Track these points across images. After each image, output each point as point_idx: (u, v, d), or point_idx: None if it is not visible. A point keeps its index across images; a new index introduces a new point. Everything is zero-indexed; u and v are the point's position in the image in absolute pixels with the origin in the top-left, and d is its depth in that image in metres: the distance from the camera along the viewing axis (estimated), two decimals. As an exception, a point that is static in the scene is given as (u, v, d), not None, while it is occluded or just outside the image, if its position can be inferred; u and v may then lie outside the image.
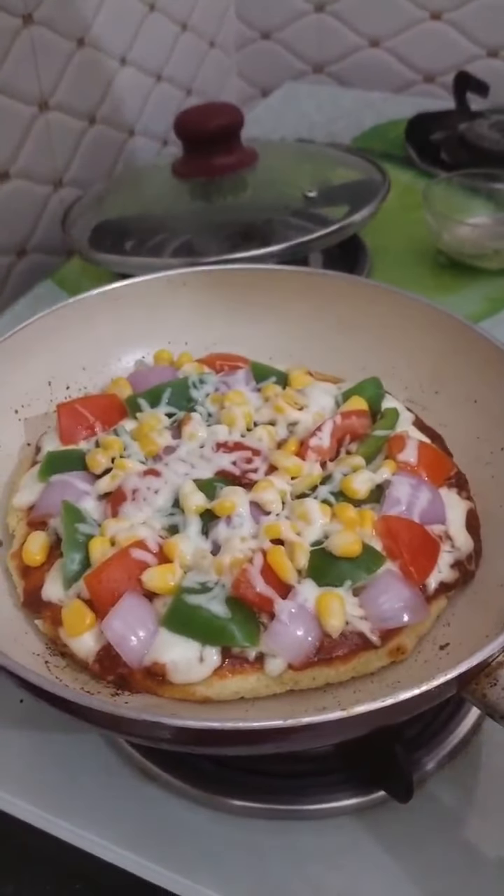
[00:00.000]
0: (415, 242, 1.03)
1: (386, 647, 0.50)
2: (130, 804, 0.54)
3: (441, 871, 0.50)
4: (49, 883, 0.59)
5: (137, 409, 0.64)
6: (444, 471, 0.59)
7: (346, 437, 0.61)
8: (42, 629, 0.53)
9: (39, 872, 0.59)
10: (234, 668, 0.49)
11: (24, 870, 0.60)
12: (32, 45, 1.01)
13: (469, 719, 0.56)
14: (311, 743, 0.49)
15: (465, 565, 0.55)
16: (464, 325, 0.64)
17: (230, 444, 0.60)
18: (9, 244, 1.06)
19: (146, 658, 0.49)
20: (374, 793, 0.53)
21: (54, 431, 0.63)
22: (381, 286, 0.71)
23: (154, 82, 1.29)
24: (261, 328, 0.72)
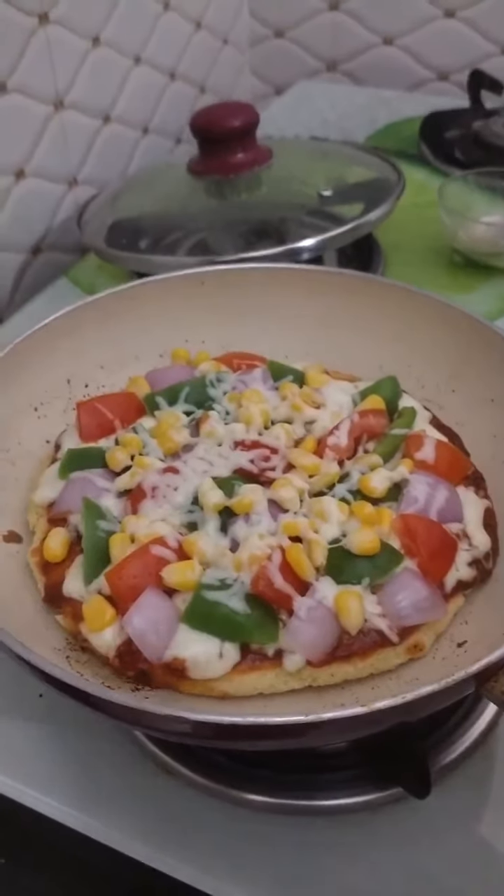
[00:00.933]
0: (429, 241, 1.03)
1: (404, 645, 0.51)
2: (149, 798, 0.55)
3: (458, 867, 0.51)
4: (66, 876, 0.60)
5: (156, 407, 0.64)
6: (462, 469, 0.60)
7: (363, 436, 0.61)
8: (63, 624, 0.53)
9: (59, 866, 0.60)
10: (253, 664, 0.49)
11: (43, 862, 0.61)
12: (48, 43, 1.02)
13: (486, 716, 0.56)
14: (331, 739, 0.49)
15: (482, 564, 0.55)
16: (480, 324, 0.64)
17: (248, 442, 0.60)
18: (24, 242, 1.07)
19: (166, 653, 0.49)
20: (391, 789, 0.53)
21: (74, 429, 0.64)
22: (397, 285, 0.72)
23: (168, 80, 1.29)
24: (277, 327, 0.73)
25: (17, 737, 0.58)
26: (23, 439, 0.64)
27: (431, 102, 1.35)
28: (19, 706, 0.60)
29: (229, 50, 1.46)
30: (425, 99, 1.39)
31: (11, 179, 1.01)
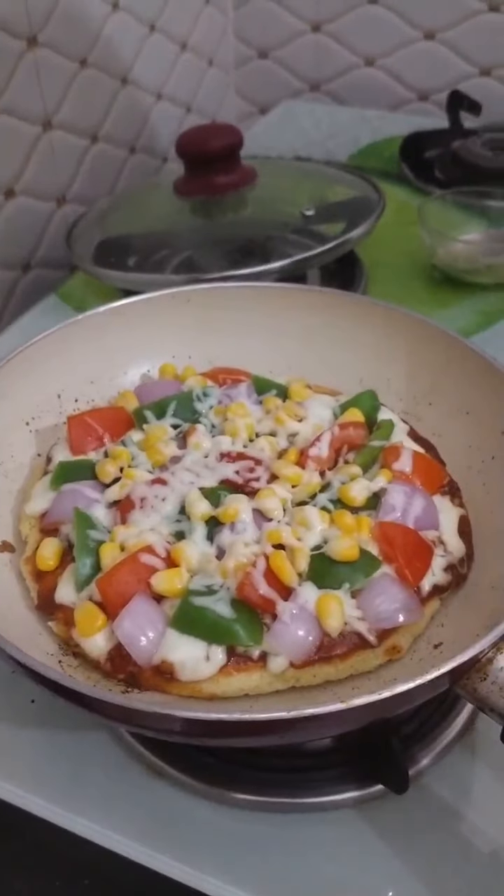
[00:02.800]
0: (410, 258, 1.06)
1: (383, 647, 0.53)
2: (138, 798, 0.56)
3: (438, 862, 0.52)
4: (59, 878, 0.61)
5: (144, 420, 0.66)
6: (438, 479, 0.62)
7: (343, 448, 0.64)
8: (55, 630, 0.55)
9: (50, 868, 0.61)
10: (239, 666, 0.51)
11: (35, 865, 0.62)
12: (37, 66, 1.04)
13: (463, 715, 0.58)
14: (313, 734, 0.51)
15: (457, 569, 0.57)
16: (456, 340, 0.67)
17: (233, 454, 0.62)
18: (14, 259, 1.09)
19: (155, 657, 0.51)
20: (373, 786, 0.55)
21: (64, 442, 0.66)
22: (377, 303, 0.74)
23: (154, 101, 1.32)
24: (261, 343, 0.75)
25: (8, 741, 0.60)
26: (15, 452, 0.66)
27: (412, 122, 1.38)
28: (11, 712, 0.61)
29: (214, 71, 1.49)
30: (406, 119, 1.43)
31: (1, 198, 1.03)
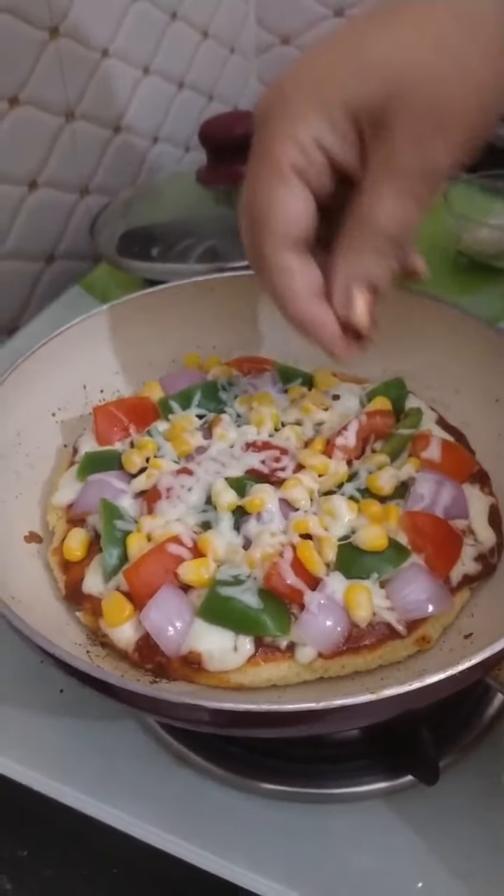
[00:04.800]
0: (434, 243, 1.04)
1: (412, 637, 0.52)
2: (166, 787, 0.57)
3: (468, 852, 0.52)
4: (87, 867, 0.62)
5: (169, 410, 0.66)
6: (467, 468, 0.61)
7: (371, 436, 0.63)
8: (83, 620, 0.55)
9: (78, 856, 0.62)
10: (267, 656, 0.51)
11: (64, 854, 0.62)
12: (59, 56, 1.04)
13: (494, 705, 0.58)
14: (342, 725, 0.51)
15: (487, 558, 0.57)
16: (484, 326, 0.66)
17: (259, 443, 0.62)
18: (38, 251, 1.09)
19: (183, 647, 0.51)
20: (402, 777, 0.55)
21: (90, 433, 0.66)
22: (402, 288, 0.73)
23: (176, 90, 1.32)
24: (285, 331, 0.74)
25: (39, 731, 0.60)
26: (42, 443, 0.66)
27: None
28: (41, 702, 0.61)
29: (236, 58, 1.48)
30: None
31: (25, 190, 1.03)
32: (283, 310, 0.52)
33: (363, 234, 0.49)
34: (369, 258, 0.50)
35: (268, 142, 0.47)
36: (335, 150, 0.47)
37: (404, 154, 0.46)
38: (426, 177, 0.47)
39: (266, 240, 0.49)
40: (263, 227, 0.49)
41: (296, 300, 0.51)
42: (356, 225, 0.49)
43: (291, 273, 0.50)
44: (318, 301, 0.51)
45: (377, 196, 0.47)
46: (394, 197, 0.47)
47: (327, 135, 0.46)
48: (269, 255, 0.50)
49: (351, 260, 0.50)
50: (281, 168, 0.47)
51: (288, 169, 0.47)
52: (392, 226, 0.48)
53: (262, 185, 0.48)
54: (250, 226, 0.50)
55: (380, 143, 0.46)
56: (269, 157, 0.47)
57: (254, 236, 0.50)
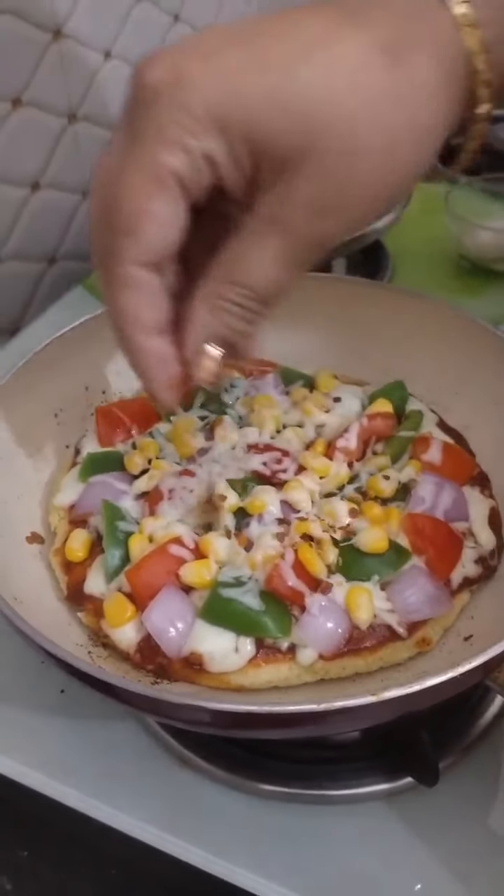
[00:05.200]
0: (436, 247, 1.05)
1: (412, 639, 0.53)
2: (166, 788, 0.57)
3: (468, 854, 0.52)
4: (87, 868, 0.62)
5: (171, 412, 0.67)
6: (467, 470, 0.62)
7: (372, 439, 0.63)
8: (85, 621, 0.56)
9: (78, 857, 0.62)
10: (268, 657, 0.52)
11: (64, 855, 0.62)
12: (61, 58, 1.04)
13: (494, 707, 0.58)
14: (343, 727, 0.51)
15: (487, 561, 0.57)
16: (485, 329, 0.66)
17: (261, 445, 0.62)
18: (40, 252, 1.09)
19: (184, 648, 0.51)
20: (402, 778, 0.55)
21: (92, 434, 0.66)
22: (404, 290, 0.73)
23: (178, 91, 1.32)
24: (287, 333, 0.74)
25: (40, 731, 0.60)
26: (44, 444, 0.66)
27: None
28: (42, 702, 0.61)
29: (238, 60, 1.48)
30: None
31: (27, 191, 1.03)
32: (120, 332, 0.46)
33: (228, 286, 0.43)
34: (228, 316, 0.44)
35: (151, 138, 0.40)
36: (225, 174, 0.41)
37: (300, 220, 0.41)
38: (316, 247, 0.42)
39: (124, 249, 0.42)
40: (125, 235, 0.42)
41: (138, 326, 0.45)
42: (223, 271, 0.43)
43: (142, 295, 0.44)
44: (159, 336, 0.45)
45: (254, 250, 0.42)
46: (273, 258, 0.42)
47: (221, 156, 0.40)
48: (123, 267, 0.43)
49: (208, 312, 0.44)
50: (162, 175, 0.40)
51: (170, 178, 0.41)
52: (263, 287, 0.43)
53: (134, 187, 0.41)
54: (106, 227, 0.42)
55: (273, 193, 0.41)
56: (150, 159, 0.40)
57: (109, 240, 0.42)
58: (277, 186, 0.40)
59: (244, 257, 0.43)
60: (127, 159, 0.41)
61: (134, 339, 0.45)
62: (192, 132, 0.39)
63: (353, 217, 0.42)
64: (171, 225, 0.42)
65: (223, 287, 0.43)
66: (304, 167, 0.39)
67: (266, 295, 0.43)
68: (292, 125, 0.39)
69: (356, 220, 0.42)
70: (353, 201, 0.41)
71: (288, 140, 0.39)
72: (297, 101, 0.39)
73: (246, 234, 0.42)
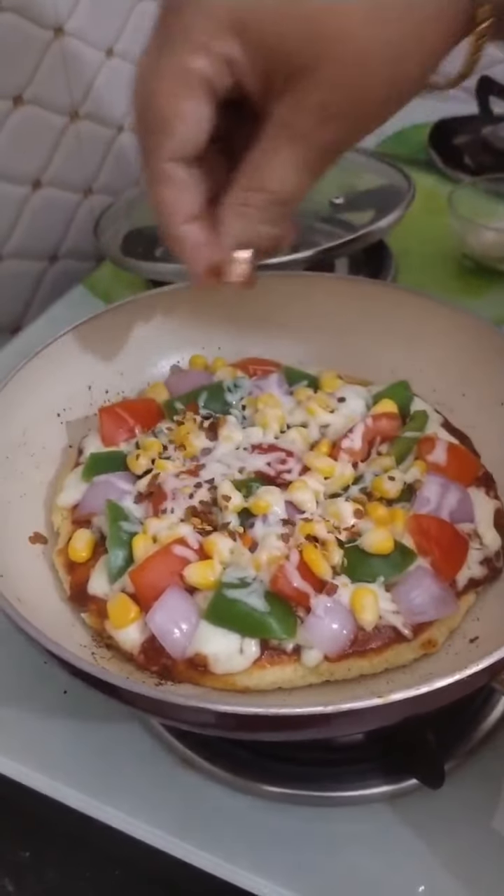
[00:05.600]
0: (439, 247, 1.05)
1: (418, 640, 0.52)
2: (169, 789, 0.57)
3: (472, 857, 0.52)
4: (90, 869, 0.62)
5: (175, 412, 0.66)
6: (473, 471, 0.61)
7: (376, 439, 0.63)
8: (88, 622, 0.55)
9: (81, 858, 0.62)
10: (273, 659, 0.51)
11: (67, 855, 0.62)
12: (63, 56, 1.04)
13: (498, 710, 0.58)
14: (348, 729, 0.51)
15: (493, 562, 0.57)
16: (490, 329, 0.66)
17: (265, 445, 0.62)
18: (42, 250, 1.09)
19: (188, 649, 0.51)
20: (407, 780, 0.55)
21: (95, 434, 0.66)
22: (408, 290, 0.73)
23: (180, 90, 1.31)
24: (291, 333, 0.74)
25: (42, 732, 0.60)
26: (47, 444, 0.66)
27: (441, 109, 1.35)
28: (45, 703, 0.61)
29: (240, 59, 1.48)
30: (434, 105, 1.40)
31: (28, 189, 1.03)
32: (162, 222, 0.51)
33: (250, 192, 0.48)
34: (252, 220, 0.49)
35: (180, 42, 0.44)
36: (244, 79, 0.45)
37: (310, 125, 0.44)
38: (326, 153, 0.46)
39: (161, 147, 0.47)
40: (160, 134, 0.47)
41: (175, 215, 0.50)
42: (245, 178, 0.48)
43: (178, 187, 0.49)
44: (197, 222, 0.50)
45: (271, 157, 0.46)
46: (288, 164, 0.46)
47: (240, 60, 0.44)
48: (161, 163, 0.48)
49: (235, 217, 0.49)
50: (190, 78, 0.45)
51: (196, 81, 0.45)
52: (281, 191, 0.47)
53: (165, 91, 0.46)
54: (145, 130, 0.48)
55: (287, 99, 0.44)
56: (178, 62, 0.45)
57: (148, 141, 0.48)
58: (289, 93, 0.44)
59: (262, 164, 0.46)
60: (159, 62, 0.46)
61: (172, 226, 0.50)
62: (214, 36, 0.43)
63: (360, 124, 0.45)
64: (199, 124, 0.47)
65: (246, 194, 0.48)
66: (314, 74, 0.42)
67: (285, 198, 0.48)
68: (304, 33, 0.42)
69: (362, 127, 0.45)
70: (360, 109, 0.44)
71: (299, 47, 0.42)
72: (309, 11, 0.42)
73: (263, 141, 0.46)
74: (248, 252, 0.51)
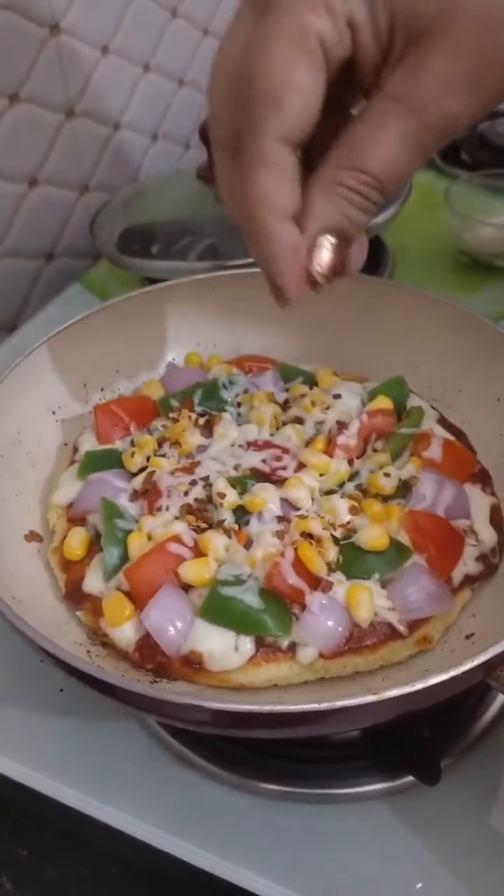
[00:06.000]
0: (436, 242, 1.05)
1: (413, 637, 0.52)
2: (166, 787, 0.57)
3: (469, 853, 0.52)
4: (88, 867, 0.62)
5: (170, 409, 0.66)
6: (468, 467, 0.61)
7: (372, 435, 0.63)
8: (83, 620, 0.55)
9: (79, 856, 0.62)
10: (268, 656, 0.51)
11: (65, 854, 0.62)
12: (59, 53, 1.04)
13: (495, 706, 0.58)
14: (344, 726, 0.51)
15: (489, 558, 0.56)
16: (486, 325, 0.66)
17: (260, 442, 0.62)
18: (38, 248, 1.09)
19: (184, 647, 0.51)
20: (403, 777, 0.54)
21: (91, 432, 0.66)
22: (404, 287, 0.73)
23: (176, 87, 1.31)
24: (287, 330, 0.74)
25: (37, 730, 0.60)
26: (42, 442, 0.66)
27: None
28: (41, 701, 0.61)
29: (236, 55, 1.47)
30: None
31: (24, 187, 1.03)
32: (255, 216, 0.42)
33: (348, 172, 0.41)
34: (346, 204, 0.42)
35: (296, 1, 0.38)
36: (363, 43, 0.39)
37: (431, 96, 0.39)
38: (443, 129, 0.40)
39: (266, 122, 0.40)
40: (266, 106, 0.39)
41: (275, 210, 0.42)
42: (344, 156, 0.41)
43: (282, 175, 0.41)
44: (290, 224, 0.42)
45: (377, 133, 0.40)
46: (396, 141, 0.40)
47: (363, 21, 0.38)
48: (263, 143, 0.40)
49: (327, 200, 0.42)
50: (308, 40, 0.38)
51: (315, 43, 0.38)
52: (385, 171, 0.41)
53: (277, 54, 0.39)
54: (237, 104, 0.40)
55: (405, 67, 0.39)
56: (295, 22, 0.38)
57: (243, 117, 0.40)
58: (409, 60, 0.39)
59: (368, 139, 0.41)
60: (266, 26, 0.39)
61: (268, 224, 0.42)
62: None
63: (485, 96, 0.40)
64: (313, 97, 0.40)
65: (343, 174, 0.42)
66: (439, 40, 0.38)
67: (387, 181, 0.42)
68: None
69: (487, 100, 0.40)
70: (486, 78, 0.39)
71: (428, 9, 0.38)
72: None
73: (370, 114, 0.41)
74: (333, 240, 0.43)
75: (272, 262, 0.43)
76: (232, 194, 0.43)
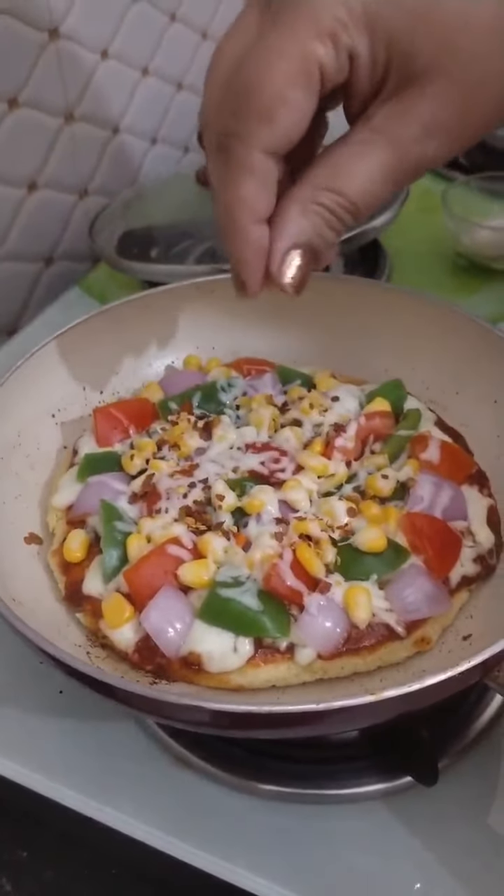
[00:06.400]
0: (434, 245, 1.05)
1: (411, 638, 0.53)
2: (165, 788, 0.57)
3: (467, 853, 0.52)
4: (87, 867, 0.62)
5: (169, 412, 0.67)
6: (466, 469, 0.62)
7: (370, 438, 0.63)
8: (83, 622, 0.56)
9: (78, 857, 0.62)
10: (266, 657, 0.52)
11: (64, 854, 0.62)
12: (58, 58, 1.04)
13: (492, 707, 0.58)
14: (342, 727, 0.51)
15: (486, 560, 0.57)
16: (483, 327, 0.66)
17: (258, 444, 0.62)
18: (37, 252, 1.09)
19: (183, 648, 0.51)
20: (401, 778, 0.55)
21: (90, 434, 0.66)
22: (402, 290, 0.73)
23: (175, 91, 1.32)
24: (285, 332, 0.75)
25: (36, 731, 0.60)
26: (41, 445, 0.66)
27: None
28: (39, 702, 0.62)
29: (235, 59, 1.48)
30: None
31: (24, 191, 1.03)
32: (232, 217, 0.45)
33: (325, 192, 0.44)
34: (319, 221, 0.45)
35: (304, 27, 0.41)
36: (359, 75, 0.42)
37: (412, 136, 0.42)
38: (417, 167, 0.44)
39: (256, 134, 0.42)
40: (258, 120, 0.42)
41: (250, 213, 0.45)
42: (323, 176, 0.44)
43: (262, 183, 0.44)
44: (263, 225, 0.46)
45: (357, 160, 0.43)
46: (375, 171, 0.43)
47: (363, 56, 0.41)
48: (251, 152, 0.43)
49: (301, 214, 0.45)
50: (308, 64, 0.41)
51: (315, 67, 0.41)
52: (359, 197, 0.44)
53: (277, 73, 0.41)
54: (231, 110, 0.43)
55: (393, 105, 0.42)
56: (300, 47, 0.41)
57: (235, 124, 0.43)
58: (397, 100, 0.42)
59: (347, 164, 0.44)
60: (269, 44, 0.42)
61: (244, 227, 0.46)
62: (346, 27, 0.41)
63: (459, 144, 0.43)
64: (304, 116, 0.43)
65: (322, 194, 0.45)
66: (429, 87, 0.41)
67: (362, 206, 0.45)
68: (430, 44, 0.41)
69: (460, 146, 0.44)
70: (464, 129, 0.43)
71: (423, 56, 0.41)
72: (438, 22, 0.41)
73: (354, 141, 0.44)
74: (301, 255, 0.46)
75: (241, 259, 0.47)
76: (215, 187, 0.47)
